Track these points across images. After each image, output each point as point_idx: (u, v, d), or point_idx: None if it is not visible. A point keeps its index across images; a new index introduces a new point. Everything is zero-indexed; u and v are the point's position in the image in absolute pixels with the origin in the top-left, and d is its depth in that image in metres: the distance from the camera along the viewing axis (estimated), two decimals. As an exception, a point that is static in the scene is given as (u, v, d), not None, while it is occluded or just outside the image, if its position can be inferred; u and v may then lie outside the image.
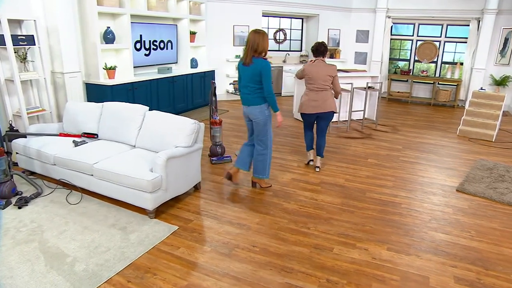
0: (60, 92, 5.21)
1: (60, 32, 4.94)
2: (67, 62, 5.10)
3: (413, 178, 4.42)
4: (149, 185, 3.15)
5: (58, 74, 5.13)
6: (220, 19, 8.64)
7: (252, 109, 3.61)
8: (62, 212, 3.30)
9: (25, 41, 4.38)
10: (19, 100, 4.39)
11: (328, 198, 3.83)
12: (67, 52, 5.08)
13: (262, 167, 3.85)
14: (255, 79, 3.49)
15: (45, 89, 4.79)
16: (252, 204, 3.66)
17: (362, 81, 6.88)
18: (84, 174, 3.55)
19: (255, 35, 3.43)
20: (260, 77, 3.47)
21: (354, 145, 5.69)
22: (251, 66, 3.46)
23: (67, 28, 5.05)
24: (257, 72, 3.46)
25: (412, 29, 9.81)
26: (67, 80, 5.12)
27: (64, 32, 5.00)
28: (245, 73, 3.54)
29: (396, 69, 10.03)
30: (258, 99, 3.56)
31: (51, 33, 5.01)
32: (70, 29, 5.09)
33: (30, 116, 4.61)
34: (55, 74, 5.17)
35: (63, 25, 4.98)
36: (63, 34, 4.98)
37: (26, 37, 4.42)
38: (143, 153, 3.71)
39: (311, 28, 10.32)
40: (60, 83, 5.15)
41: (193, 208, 3.55)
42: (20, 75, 4.43)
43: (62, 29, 4.96)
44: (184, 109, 7.50)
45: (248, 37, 3.47)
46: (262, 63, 3.45)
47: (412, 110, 8.72)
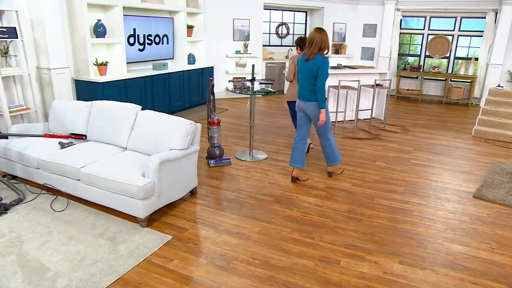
0: (46, 89, 5.09)
1: (45, 24, 4.82)
2: (53, 57, 4.98)
3: (425, 182, 4.30)
4: (140, 191, 3.04)
5: (44, 70, 5.02)
6: (219, 12, 8.52)
7: (309, 105, 3.95)
8: (45, 220, 3.18)
9: (6, 34, 4.26)
10: (0, 98, 4.28)
11: (334, 204, 3.71)
12: (54, 46, 4.97)
13: (333, 155, 4.25)
14: (312, 75, 3.83)
15: (30, 86, 4.67)
16: (252, 211, 3.54)
17: (369, 78, 6.76)
18: (70, 178, 3.43)
19: (320, 33, 3.81)
20: (316, 73, 3.80)
21: (361, 147, 5.57)
22: (311, 62, 3.81)
23: (54, 21, 4.93)
24: (316, 68, 3.79)
25: (423, 22, 9.67)
26: (54, 76, 5.00)
27: (50, 25, 4.88)
28: (304, 68, 3.87)
29: (405, 65, 9.90)
30: (314, 95, 3.90)
31: (35, 25, 4.89)
32: (56, 22, 4.97)
33: (13, 115, 4.51)
34: (41, 70, 5.05)
35: (49, 17, 4.86)
36: (49, 27, 4.86)
37: (7, 30, 4.30)
38: (134, 156, 3.60)
39: (316, 22, 10.19)
40: (47, 80, 5.04)
41: (188, 216, 3.43)
42: (1, 70, 4.31)
43: (47, 21, 4.84)
44: (181, 108, 7.39)
45: (311, 35, 3.81)
46: (322, 59, 3.81)
47: (422, 108, 8.59)
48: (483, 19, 8.86)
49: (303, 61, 3.89)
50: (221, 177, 4.33)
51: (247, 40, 9.08)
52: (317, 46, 3.78)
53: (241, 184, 4.14)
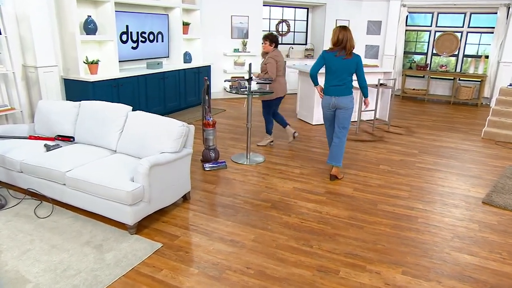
0: (33, 88, 5.05)
1: (31, 20, 4.77)
2: (40, 54, 4.94)
3: (431, 187, 4.24)
4: (129, 197, 2.98)
5: (31, 68, 4.97)
6: (217, 9, 8.49)
7: (344, 99, 4.22)
8: (28, 227, 3.13)
9: (-13, 30, 4.23)
10: (-17, 98, 4.24)
11: (334, 210, 3.65)
12: (41, 44, 4.92)
13: (340, 154, 4.36)
14: (350, 71, 4.19)
15: (15, 85, 4.62)
16: (247, 217, 3.49)
17: (373, 78, 6.70)
18: (55, 183, 3.38)
19: (349, 31, 4.09)
20: (355, 69, 4.19)
21: (364, 149, 5.51)
22: (349, 59, 4.12)
23: (40, 16, 4.88)
24: (354, 64, 4.16)
25: (430, 19, 9.63)
26: (41, 75, 4.96)
27: (37, 20, 4.83)
28: (340, 65, 4.13)
29: (411, 63, 9.86)
30: (350, 89, 4.25)
31: (21, 21, 4.85)
32: (43, 17, 4.92)
33: (-3, 115, 4.47)
34: (27, 68, 5.01)
35: (35, 12, 4.81)
36: (35, 23, 4.81)
37: (-11, 25, 4.26)
38: (124, 159, 3.54)
39: (317, 19, 10.15)
40: (33, 79, 4.99)
41: (180, 222, 3.37)
42: (-16, 69, 4.28)
43: (34, 16, 4.79)
44: (176, 108, 7.34)
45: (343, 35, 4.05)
46: (358, 56, 4.19)
47: (429, 109, 8.53)
48: (494, 14, 8.81)
49: (340, 59, 4.12)
50: (216, 181, 4.27)
51: (245, 38, 9.04)
52: (351, 43, 4.06)
53: (237, 188, 4.09)
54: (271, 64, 4.97)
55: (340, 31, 4.07)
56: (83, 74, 5.50)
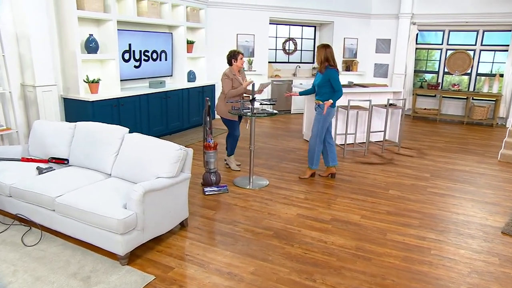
0: (31, 108, 5.01)
1: (31, 38, 4.77)
2: (39, 73, 4.91)
3: (445, 215, 4.04)
4: (120, 225, 2.85)
5: (29, 88, 4.95)
6: (222, 27, 8.50)
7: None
8: (13, 256, 3.00)
9: (-16, 48, 4.21)
10: (-23, 118, 4.20)
11: (340, 240, 3.47)
12: (40, 62, 4.90)
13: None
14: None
15: (11, 104, 4.58)
16: (247, 247, 3.32)
17: (382, 98, 6.59)
18: (45, 209, 3.27)
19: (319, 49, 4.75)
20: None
21: (373, 173, 5.34)
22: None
23: (41, 35, 4.88)
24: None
25: (441, 37, 9.54)
26: (40, 94, 4.92)
27: (37, 39, 4.83)
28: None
29: (422, 82, 9.73)
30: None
31: (20, 39, 4.85)
32: (44, 36, 4.92)
33: (-8, 136, 4.41)
34: (26, 87, 4.98)
35: (36, 31, 4.81)
36: (35, 42, 4.81)
37: (-12, 44, 4.25)
38: (119, 184, 3.43)
39: (325, 37, 10.13)
40: (32, 98, 4.96)
41: (176, 252, 3.22)
42: (-20, 88, 4.25)
43: (34, 35, 4.79)
44: (179, 129, 7.27)
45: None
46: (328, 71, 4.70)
47: (441, 130, 8.35)
48: (508, 32, 8.69)
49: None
50: (216, 206, 4.13)
51: (251, 56, 9.02)
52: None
53: (237, 215, 3.93)
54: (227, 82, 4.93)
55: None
56: (83, 93, 5.47)
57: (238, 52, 5.00)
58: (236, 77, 4.98)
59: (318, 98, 4.82)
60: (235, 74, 4.98)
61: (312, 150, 4.93)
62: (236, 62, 4.98)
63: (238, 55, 4.98)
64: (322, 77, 4.71)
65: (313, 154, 4.93)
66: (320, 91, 4.78)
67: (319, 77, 4.78)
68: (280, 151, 6.29)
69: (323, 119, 4.79)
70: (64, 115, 5.59)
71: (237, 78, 4.98)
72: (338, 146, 6.49)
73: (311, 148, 4.94)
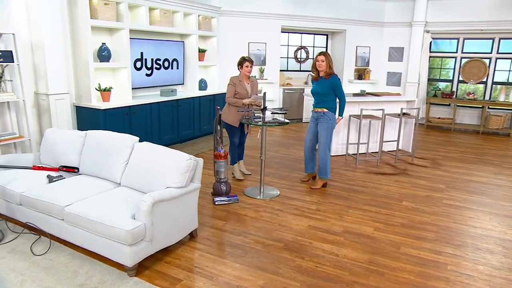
0: (44, 116, 5.04)
1: (45, 48, 4.82)
2: (52, 82, 4.95)
3: (461, 228, 3.92)
4: (128, 236, 2.81)
5: (43, 96, 4.99)
6: (234, 35, 8.52)
7: None
8: (22, 266, 2.98)
9: (0, 58, 4.25)
10: (-10, 126, 4.24)
11: (352, 253, 3.38)
12: (54, 71, 4.94)
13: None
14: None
15: (24, 112, 4.62)
16: (257, 259, 3.26)
17: (395, 107, 6.48)
18: (54, 218, 3.25)
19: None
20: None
21: (386, 183, 5.23)
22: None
23: (55, 44, 4.92)
24: None
25: (455, 45, 9.40)
26: (52, 102, 4.96)
27: (51, 48, 4.88)
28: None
29: (436, 91, 9.59)
30: None
31: (35, 49, 4.90)
32: (58, 45, 4.97)
33: (4, 144, 4.43)
34: (39, 96, 5.02)
35: (50, 40, 4.86)
36: (49, 51, 4.86)
37: (3, 53, 4.30)
38: (128, 194, 3.41)
39: (337, 45, 10.08)
40: (45, 106, 4.99)
41: (184, 263, 3.17)
42: (-6, 96, 4.29)
43: (48, 44, 4.84)
44: (190, 137, 7.26)
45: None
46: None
47: (456, 139, 8.18)
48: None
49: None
50: (226, 217, 4.07)
51: (263, 64, 9.01)
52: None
53: (248, 226, 3.87)
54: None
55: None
56: (95, 101, 5.50)
57: (245, 60, 4.95)
58: (243, 83, 4.95)
59: (323, 106, 4.76)
60: (241, 80, 4.95)
61: (324, 161, 4.86)
62: (241, 69, 4.96)
63: (244, 63, 4.94)
64: (326, 84, 4.68)
65: (325, 165, 4.87)
66: (325, 99, 4.73)
67: (322, 84, 4.71)
68: (291, 161, 6.22)
69: (330, 128, 4.77)
70: (76, 123, 5.62)
71: (243, 85, 4.94)
72: (351, 156, 6.40)
73: (323, 159, 4.86)
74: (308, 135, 5.03)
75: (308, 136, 5.03)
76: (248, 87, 5.01)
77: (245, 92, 4.94)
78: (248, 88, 5.00)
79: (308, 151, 5.08)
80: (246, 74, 4.97)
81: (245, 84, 4.98)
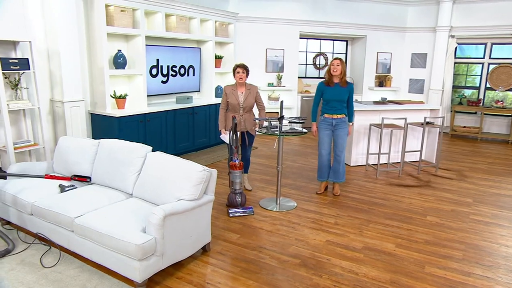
0: (59, 123, 5.06)
1: (61, 55, 4.86)
2: (68, 89, 4.98)
3: (491, 247, 3.70)
4: (138, 251, 2.73)
5: (58, 103, 5.01)
6: (251, 42, 8.47)
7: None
8: (30, 278, 2.94)
9: (17, 65, 4.29)
10: (5, 133, 4.24)
11: (372, 271, 3.23)
12: (69, 78, 4.97)
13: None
14: None
15: (39, 120, 4.63)
16: (272, 276, 3.13)
17: (418, 115, 6.29)
18: (64, 229, 3.21)
19: None
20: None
21: (408, 196, 5.04)
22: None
23: (71, 51, 4.96)
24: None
25: (482, 50, 9.11)
26: (67, 110, 4.97)
27: (67, 56, 4.91)
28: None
29: (461, 99, 9.31)
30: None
31: (51, 56, 4.94)
32: (73, 52, 5.00)
33: (19, 151, 4.45)
34: (55, 103, 5.05)
35: (66, 48, 4.89)
36: (65, 58, 4.89)
37: (20, 61, 4.33)
38: (139, 205, 3.34)
39: (357, 51, 9.91)
40: (60, 113, 5.02)
41: (196, 279, 3.08)
42: (9, 103, 4.32)
43: (64, 51, 4.88)
44: (206, 145, 7.21)
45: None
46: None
47: (483, 149, 7.89)
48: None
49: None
50: (240, 230, 3.97)
51: (281, 71, 8.92)
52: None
53: (263, 240, 3.76)
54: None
55: None
56: (110, 109, 5.50)
57: (237, 66, 4.78)
58: (236, 92, 4.80)
59: (343, 112, 4.82)
60: (235, 89, 4.81)
61: (343, 164, 5.01)
62: (234, 77, 4.81)
63: (235, 69, 4.78)
64: (346, 92, 4.75)
65: (344, 168, 5.04)
66: (342, 105, 4.79)
67: (340, 92, 4.74)
68: (309, 171, 6.08)
69: (347, 133, 4.92)
70: (91, 130, 5.63)
71: (235, 94, 4.80)
72: (371, 166, 6.22)
73: (343, 163, 5.00)
74: (324, 143, 4.92)
75: (325, 144, 4.92)
76: (242, 96, 4.81)
77: (236, 103, 4.78)
78: (241, 98, 4.80)
79: (326, 158, 4.96)
80: (238, 81, 4.78)
81: (239, 93, 4.82)
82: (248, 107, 4.83)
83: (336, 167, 4.97)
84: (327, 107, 4.81)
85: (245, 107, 4.81)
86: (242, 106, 4.80)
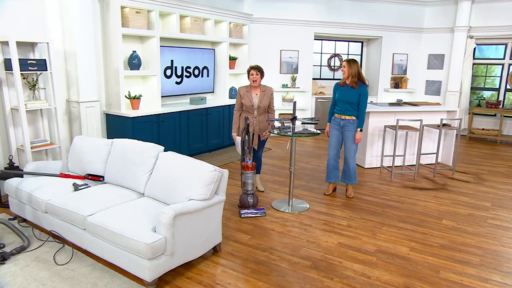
0: (75, 123, 5.13)
1: (78, 56, 4.92)
2: (84, 89, 5.04)
3: (510, 253, 3.59)
4: (148, 250, 2.74)
5: (74, 103, 5.08)
6: (266, 43, 8.46)
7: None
8: (43, 275, 2.97)
9: (35, 66, 4.36)
10: (22, 132, 4.32)
11: (385, 275, 3.16)
12: (85, 79, 5.04)
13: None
14: None
15: (55, 119, 4.71)
16: (283, 278, 3.10)
17: (435, 117, 6.17)
18: (76, 227, 3.24)
19: None
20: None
21: (424, 199, 4.94)
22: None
23: (87, 52, 5.03)
24: None
25: (502, 51, 8.90)
26: (83, 110, 5.04)
27: (83, 57, 4.98)
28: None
29: (480, 100, 9.10)
30: None
31: (68, 57, 5.01)
32: (89, 53, 5.07)
33: (36, 150, 4.52)
34: (71, 103, 5.12)
35: (82, 49, 4.96)
36: (81, 58, 4.96)
37: (37, 62, 4.41)
38: (150, 205, 3.35)
39: (373, 52, 9.80)
40: (75, 113, 5.09)
41: (206, 280, 3.07)
42: (27, 103, 4.39)
43: (80, 52, 4.95)
44: (219, 146, 7.21)
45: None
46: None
47: (502, 152, 7.69)
48: None
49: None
50: (252, 231, 3.94)
51: (295, 73, 8.88)
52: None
53: (274, 241, 3.73)
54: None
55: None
56: (124, 109, 5.55)
57: (251, 68, 4.75)
58: (250, 94, 4.77)
59: (352, 114, 4.75)
60: (249, 91, 4.78)
61: (354, 166, 4.91)
62: (248, 78, 4.81)
63: (249, 71, 4.76)
64: (355, 93, 4.68)
65: (355, 170, 4.95)
66: (353, 107, 4.73)
67: (349, 93, 4.70)
68: (322, 172, 6.02)
69: (354, 138, 4.79)
70: (106, 130, 5.70)
71: (249, 96, 4.76)
72: (385, 169, 6.13)
73: (353, 165, 4.91)
74: (332, 143, 4.89)
75: (332, 144, 4.89)
76: (256, 98, 4.78)
77: (250, 104, 4.76)
78: (255, 99, 4.77)
79: (333, 159, 4.91)
80: (251, 83, 4.76)
81: (253, 94, 4.79)
82: (262, 109, 4.81)
83: (346, 169, 4.93)
84: (337, 107, 4.84)
85: (259, 109, 4.79)
86: (256, 108, 4.78)
